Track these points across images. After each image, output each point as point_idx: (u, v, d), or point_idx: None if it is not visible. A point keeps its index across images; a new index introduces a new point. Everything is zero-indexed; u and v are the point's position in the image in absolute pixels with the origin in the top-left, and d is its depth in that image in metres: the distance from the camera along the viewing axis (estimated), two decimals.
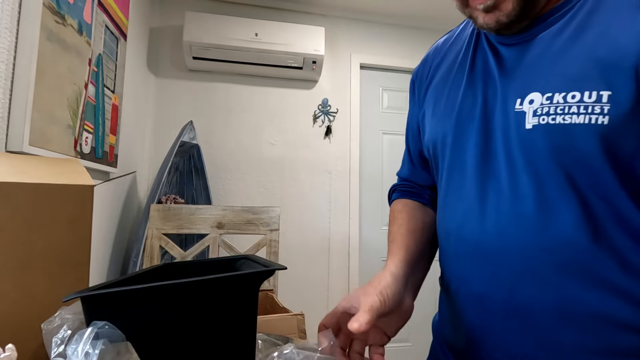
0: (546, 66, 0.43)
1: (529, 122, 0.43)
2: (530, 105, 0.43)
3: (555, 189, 0.41)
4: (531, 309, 0.44)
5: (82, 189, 0.64)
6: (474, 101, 0.50)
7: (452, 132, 0.52)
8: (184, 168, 1.95)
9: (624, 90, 0.37)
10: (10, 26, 0.86)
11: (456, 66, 0.55)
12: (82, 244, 0.64)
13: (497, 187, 0.46)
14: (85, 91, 1.18)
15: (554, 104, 0.41)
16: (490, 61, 0.50)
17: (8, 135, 0.86)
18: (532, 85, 0.43)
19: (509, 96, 0.46)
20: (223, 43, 1.91)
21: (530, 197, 0.43)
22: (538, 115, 0.42)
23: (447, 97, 0.54)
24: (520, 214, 0.44)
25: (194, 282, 0.43)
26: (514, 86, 0.45)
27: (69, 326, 0.43)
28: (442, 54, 0.61)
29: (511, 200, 0.44)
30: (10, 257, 0.56)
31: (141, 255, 1.46)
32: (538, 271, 0.43)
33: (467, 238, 0.49)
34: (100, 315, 0.39)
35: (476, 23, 0.48)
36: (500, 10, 0.44)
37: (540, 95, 0.42)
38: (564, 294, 0.42)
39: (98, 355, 0.35)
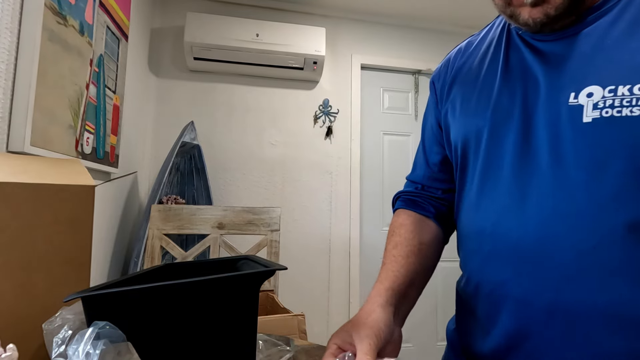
0: (604, 59, 0.42)
1: (587, 115, 0.41)
2: (589, 98, 0.41)
3: (616, 185, 0.40)
4: (578, 312, 0.41)
5: (83, 190, 0.64)
6: (512, 98, 0.49)
7: (487, 129, 0.50)
8: (184, 168, 1.95)
9: None
10: (12, 27, 0.86)
11: (486, 65, 0.54)
12: (83, 244, 0.64)
13: (539, 184, 0.44)
14: (87, 92, 1.18)
15: (619, 96, 0.39)
16: (527, 58, 0.49)
17: (9, 135, 0.86)
18: (588, 79, 0.42)
19: (559, 91, 0.44)
20: (224, 44, 1.92)
21: (583, 193, 0.41)
22: (600, 108, 0.40)
23: (479, 95, 0.53)
24: (569, 211, 0.42)
25: (195, 283, 0.43)
26: (565, 80, 0.44)
27: (69, 326, 0.43)
28: (466, 55, 0.60)
29: (558, 197, 0.43)
30: (11, 257, 0.56)
31: (142, 256, 1.46)
32: (588, 272, 0.41)
33: (505, 238, 0.47)
34: (101, 316, 0.39)
35: (518, 21, 0.47)
36: (548, 4, 0.43)
37: (601, 88, 0.41)
38: (616, 296, 0.40)
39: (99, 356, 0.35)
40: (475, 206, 0.52)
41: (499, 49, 0.53)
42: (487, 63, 0.54)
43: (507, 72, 0.51)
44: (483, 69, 0.54)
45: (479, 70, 0.55)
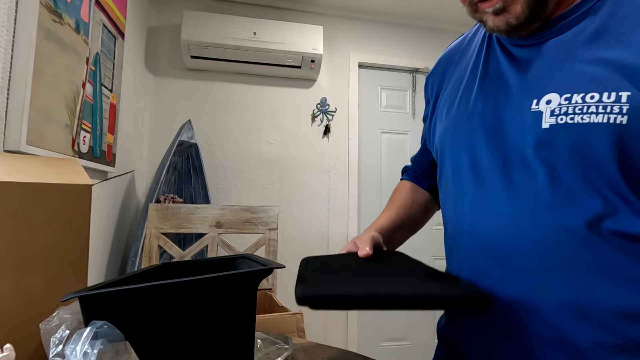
0: (564, 68, 0.44)
1: (545, 121, 0.44)
2: (548, 105, 0.44)
3: (572, 186, 0.42)
4: (545, 308, 0.44)
5: (80, 189, 0.64)
6: (485, 103, 0.51)
7: (462, 134, 0.53)
8: (182, 167, 1.95)
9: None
10: (7, 25, 0.85)
11: (469, 70, 0.57)
12: (80, 243, 0.64)
13: (510, 185, 0.47)
14: (83, 90, 1.18)
15: (573, 104, 0.42)
16: (502, 63, 0.51)
17: (5, 134, 0.86)
18: (549, 86, 0.44)
19: (524, 97, 0.46)
20: (221, 42, 1.91)
21: (545, 194, 0.44)
22: (556, 115, 0.43)
23: (460, 100, 0.56)
24: (533, 211, 0.44)
25: (193, 282, 0.43)
26: (530, 87, 0.46)
27: (67, 326, 0.43)
28: (455, 57, 0.62)
29: (524, 199, 0.45)
30: (8, 256, 0.55)
31: (140, 255, 1.46)
32: (552, 269, 0.43)
33: (479, 236, 0.50)
34: (98, 315, 0.39)
35: (486, 26, 0.49)
36: (509, 13, 0.45)
37: (558, 95, 0.43)
38: (579, 291, 0.42)
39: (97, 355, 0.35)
40: (454, 205, 0.56)
41: (481, 53, 0.56)
42: (470, 68, 0.57)
43: (484, 77, 0.53)
44: (466, 74, 0.57)
45: (463, 75, 0.58)
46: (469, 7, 0.49)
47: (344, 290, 0.43)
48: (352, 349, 2.16)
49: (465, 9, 0.51)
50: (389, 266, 0.53)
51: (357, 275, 0.49)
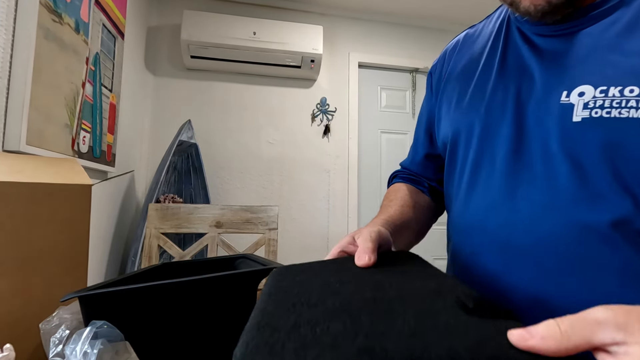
0: (598, 59, 0.42)
1: (577, 114, 0.41)
2: (581, 97, 0.41)
3: (600, 184, 0.40)
4: (562, 308, 0.42)
5: (80, 189, 0.64)
6: (506, 93, 0.49)
7: (480, 123, 0.50)
8: (182, 167, 1.95)
9: None
10: (7, 24, 0.85)
11: (483, 59, 0.54)
12: (80, 243, 0.64)
13: (530, 179, 0.45)
14: (83, 90, 1.18)
15: (609, 97, 0.39)
16: (524, 54, 0.49)
17: (5, 134, 0.86)
18: (581, 78, 0.42)
19: (553, 88, 0.44)
20: (221, 42, 1.91)
21: (570, 191, 0.42)
22: (590, 108, 0.40)
23: (474, 90, 0.53)
24: (556, 209, 0.42)
25: (193, 281, 0.43)
26: (559, 78, 0.44)
27: (67, 326, 0.43)
28: (464, 48, 0.60)
29: (546, 195, 0.43)
30: (8, 257, 0.55)
31: (139, 255, 1.46)
32: (573, 269, 0.41)
33: (494, 233, 0.47)
34: (98, 315, 0.39)
35: (518, 9, 0.45)
36: None
37: (593, 88, 0.41)
38: (600, 293, 0.40)
39: (96, 355, 0.35)
40: (464, 201, 0.53)
41: (497, 43, 0.53)
42: (485, 58, 0.54)
43: (503, 68, 0.51)
44: (480, 64, 0.54)
45: (475, 65, 0.55)
46: None
47: None
48: None
49: None
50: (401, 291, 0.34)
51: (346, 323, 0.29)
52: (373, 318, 0.29)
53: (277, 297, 0.34)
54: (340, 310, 0.30)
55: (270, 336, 0.27)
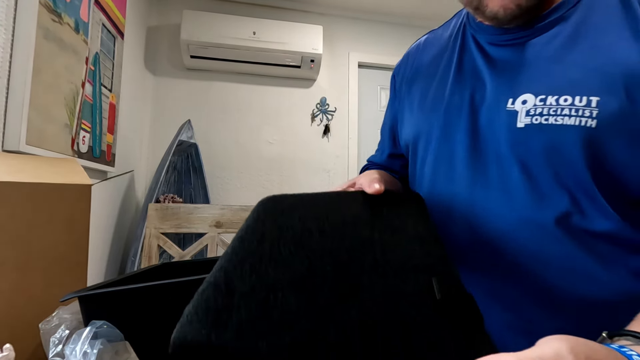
0: (540, 70, 0.45)
1: (520, 121, 0.45)
2: (523, 105, 0.45)
3: (544, 184, 0.44)
4: (512, 299, 0.47)
5: (80, 188, 0.64)
6: (462, 98, 0.51)
7: (439, 126, 0.53)
8: (181, 167, 1.95)
9: (612, 97, 0.40)
10: (6, 24, 0.85)
11: (442, 64, 0.57)
12: (80, 243, 0.64)
13: (485, 181, 0.48)
14: (83, 90, 1.18)
15: (547, 106, 0.43)
16: (477, 61, 0.52)
17: (5, 134, 0.86)
18: (525, 87, 0.45)
19: (500, 95, 0.47)
20: (221, 42, 1.91)
21: (519, 192, 0.45)
22: (531, 115, 0.44)
23: (435, 93, 0.56)
24: (507, 206, 0.46)
25: (193, 281, 0.43)
26: (506, 86, 0.47)
27: (67, 326, 0.43)
28: (425, 52, 0.63)
29: (500, 193, 0.47)
30: (8, 256, 0.55)
31: (139, 255, 1.46)
32: (525, 264, 0.45)
33: (451, 230, 0.50)
34: (98, 315, 0.39)
35: (484, 13, 0.47)
36: None
37: (534, 96, 0.44)
38: (545, 283, 0.45)
39: (96, 355, 0.35)
40: (425, 198, 0.55)
41: (454, 49, 0.56)
42: (443, 63, 0.57)
43: (459, 73, 0.53)
44: (439, 69, 0.57)
45: (435, 70, 0.58)
46: None
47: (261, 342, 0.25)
48: None
49: None
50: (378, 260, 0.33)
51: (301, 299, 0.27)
52: (331, 297, 0.28)
53: (246, 247, 0.32)
54: (304, 278, 0.29)
55: (221, 302, 0.27)
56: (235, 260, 0.31)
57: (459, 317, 0.29)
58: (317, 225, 0.35)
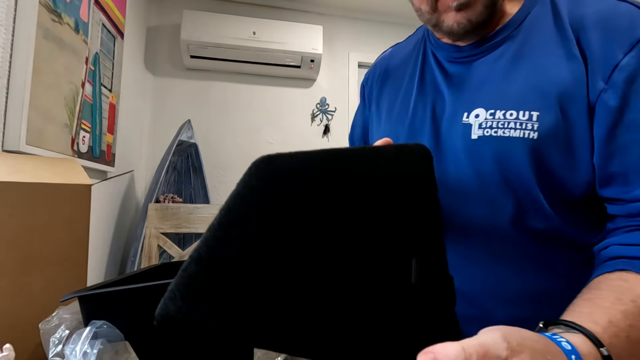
0: (489, 86, 0.50)
1: (474, 133, 0.49)
2: (476, 119, 0.50)
3: (497, 189, 0.49)
4: (473, 293, 0.51)
5: (80, 188, 0.64)
6: (425, 110, 0.55)
7: (405, 134, 0.57)
8: (181, 167, 1.95)
9: (549, 112, 0.45)
10: (6, 24, 0.85)
11: (407, 76, 0.61)
12: (80, 243, 0.64)
13: (448, 189, 0.52)
14: (82, 90, 1.18)
15: (496, 119, 0.48)
16: (437, 75, 0.56)
17: (5, 134, 0.86)
18: (477, 102, 0.50)
19: (457, 109, 0.52)
20: (221, 42, 1.91)
21: (475, 198, 0.50)
22: (482, 128, 0.49)
23: (401, 104, 0.60)
24: (466, 209, 0.51)
25: None
26: (462, 101, 0.51)
27: (66, 326, 0.43)
28: (392, 63, 0.67)
29: (461, 199, 0.51)
30: (8, 256, 0.55)
31: (139, 255, 1.46)
32: (481, 261, 0.51)
33: None
34: (98, 315, 0.39)
35: (442, 27, 0.51)
36: (471, 10, 0.48)
37: (485, 110, 0.49)
38: (500, 277, 0.50)
39: (96, 355, 0.35)
40: None
41: (417, 63, 0.61)
42: (408, 75, 0.61)
43: (422, 86, 0.58)
44: (405, 80, 0.61)
45: (400, 82, 0.62)
46: (428, 4, 0.50)
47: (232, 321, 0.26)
48: None
49: (421, 12, 0.52)
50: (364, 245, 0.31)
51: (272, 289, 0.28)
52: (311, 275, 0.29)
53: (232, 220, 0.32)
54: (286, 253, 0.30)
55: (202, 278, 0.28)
56: (219, 234, 0.31)
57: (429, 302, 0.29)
58: (310, 194, 0.33)
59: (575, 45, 0.46)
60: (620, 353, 0.29)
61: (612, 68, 0.43)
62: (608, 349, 0.28)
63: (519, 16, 0.51)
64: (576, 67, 0.45)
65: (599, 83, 0.43)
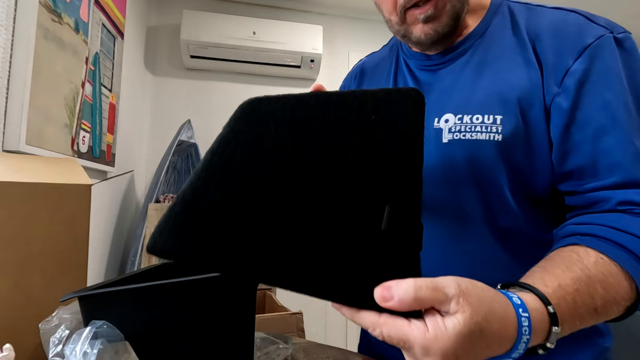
0: (457, 93, 0.53)
1: (445, 137, 0.52)
2: (446, 123, 0.53)
3: (466, 188, 0.51)
4: None
5: (80, 188, 0.64)
6: None
7: None
8: (181, 167, 1.95)
9: (510, 116, 0.48)
10: (6, 24, 0.85)
11: (382, 81, 0.65)
12: (80, 243, 0.64)
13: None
14: (82, 90, 1.18)
15: (464, 124, 0.51)
16: (409, 83, 0.60)
17: (5, 134, 0.86)
18: (447, 108, 0.53)
19: (428, 115, 0.54)
20: (221, 42, 1.91)
21: (449, 200, 0.53)
22: (452, 132, 0.52)
23: None
24: (440, 209, 0.53)
25: (192, 281, 0.43)
26: (432, 107, 0.54)
27: (66, 326, 0.43)
28: (366, 71, 0.71)
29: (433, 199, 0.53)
30: (8, 257, 0.55)
31: (139, 255, 1.46)
32: (455, 261, 0.53)
33: None
34: (98, 315, 0.39)
35: (411, 37, 0.55)
36: (438, 21, 0.52)
37: (454, 116, 0.52)
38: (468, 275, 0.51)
39: (96, 355, 0.35)
40: None
41: (390, 70, 0.64)
42: (383, 81, 0.65)
43: None
44: (381, 84, 0.65)
45: (377, 85, 0.66)
46: (397, 16, 0.55)
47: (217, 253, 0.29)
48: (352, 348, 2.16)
49: (393, 19, 0.57)
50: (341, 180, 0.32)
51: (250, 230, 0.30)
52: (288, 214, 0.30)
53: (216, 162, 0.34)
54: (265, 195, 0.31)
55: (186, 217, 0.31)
56: (204, 176, 0.33)
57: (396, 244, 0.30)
58: (292, 136, 0.34)
59: (532, 52, 0.49)
60: (565, 313, 0.32)
61: (563, 73, 0.47)
62: (555, 308, 0.32)
63: (481, 27, 0.55)
64: (533, 73, 0.48)
65: (553, 87, 0.47)
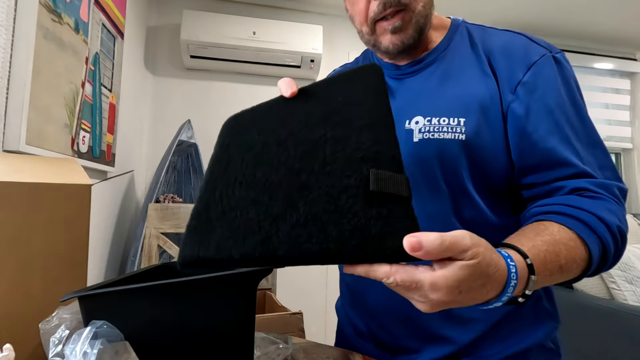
0: (426, 98, 0.60)
1: (415, 137, 0.58)
2: (416, 125, 0.59)
3: (436, 183, 0.57)
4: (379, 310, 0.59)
5: (80, 188, 0.64)
6: None
7: None
8: (181, 167, 1.95)
9: (472, 118, 0.55)
10: (6, 24, 0.85)
11: None
12: (80, 243, 0.64)
13: None
14: (82, 90, 1.18)
15: (432, 125, 0.57)
16: None
17: (4, 134, 0.86)
18: (416, 111, 0.60)
19: (400, 117, 0.59)
20: (221, 42, 1.91)
21: (421, 189, 0.57)
22: (422, 132, 0.58)
23: None
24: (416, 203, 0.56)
25: (192, 281, 0.43)
26: (403, 110, 0.60)
27: (66, 326, 0.43)
28: None
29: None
30: (8, 257, 0.55)
31: (139, 255, 1.46)
32: None
33: None
34: (98, 315, 0.39)
35: (380, 47, 0.61)
36: (404, 33, 0.58)
37: (423, 118, 0.58)
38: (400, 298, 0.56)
39: (96, 355, 0.35)
40: None
41: None
42: None
43: None
44: None
45: None
46: (368, 27, 0.60)
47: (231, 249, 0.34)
48: None
49: (364, 30, 0.61)
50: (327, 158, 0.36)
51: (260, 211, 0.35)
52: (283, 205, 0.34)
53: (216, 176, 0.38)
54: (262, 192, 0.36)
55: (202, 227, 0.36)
56: (209, 189, 0.38)
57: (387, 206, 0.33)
58: (274, 137, 0.39)
59: (488, 66, 0.58)
60: (539, 267, 0.40)
61: (516, 83, 0.55)
62: (531, 261, 0.39)
63: (443, 43, 0.63)
64: (490, 83, 0.57)
65: (508, 95, 0.56)
